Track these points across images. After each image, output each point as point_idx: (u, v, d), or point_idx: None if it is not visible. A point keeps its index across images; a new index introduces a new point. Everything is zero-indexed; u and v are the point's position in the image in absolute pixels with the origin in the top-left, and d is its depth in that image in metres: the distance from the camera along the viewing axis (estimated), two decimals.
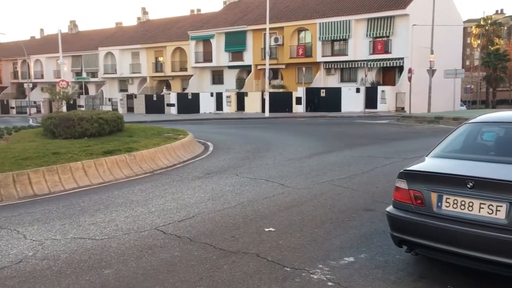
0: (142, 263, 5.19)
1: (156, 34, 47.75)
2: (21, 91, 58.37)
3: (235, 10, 43.57)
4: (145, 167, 11.56)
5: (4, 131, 15.77)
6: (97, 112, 16.11)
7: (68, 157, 10.90)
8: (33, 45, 58.58)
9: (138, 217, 7.12)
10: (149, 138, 14.26)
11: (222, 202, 7.85)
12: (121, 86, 50.36)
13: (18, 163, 10.22)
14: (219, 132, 21.04)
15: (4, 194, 9.10)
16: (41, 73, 56.46)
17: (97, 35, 55.04)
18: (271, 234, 6.07)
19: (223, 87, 40.91)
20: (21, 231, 6.56)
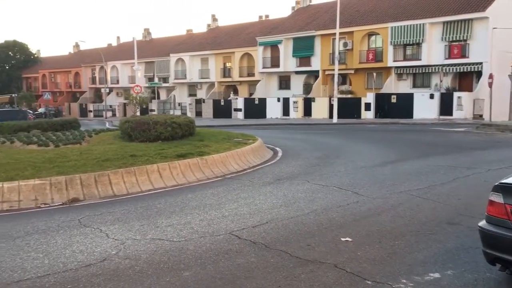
0: (220, 267, 5.22)
1: (225, 40, 48.70)
2: (98, 96, 61.78)
3: (304, 16, 43.46)
4: (216, 171, 11.73)
5: (85, 133, 16.68)
6: (171, 116, 16.62)
7: (144, 160, 11.31)
8: (110, 52, 61.86)
9: (212, 220, 7.20)
10: (220, 142, 14.48)
11: (295, 208, 7.76)
12: (190, 91, 51.82)
13: (99, 165, 10.75)
14: (286, 137, 20.98)
15: (87, 194, 9.60)
16: (117, 78, 59.44)
17: (169, 42, 57.10)
18: (348, 244, 5.89)
19: (290, 92, 40.87)
20: (103, 230, 6.85)
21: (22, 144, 14.78)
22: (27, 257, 5.74)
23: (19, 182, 9.24)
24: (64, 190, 9.43)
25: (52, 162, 11.05)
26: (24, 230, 7.04)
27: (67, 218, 7.70)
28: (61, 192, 9.38)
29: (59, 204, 9.05)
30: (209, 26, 56.23)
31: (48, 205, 8.95)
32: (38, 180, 9.42)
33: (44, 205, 8.95)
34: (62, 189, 9.43)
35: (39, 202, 9.04)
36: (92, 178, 9.87)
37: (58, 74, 68.89)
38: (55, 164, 10.76)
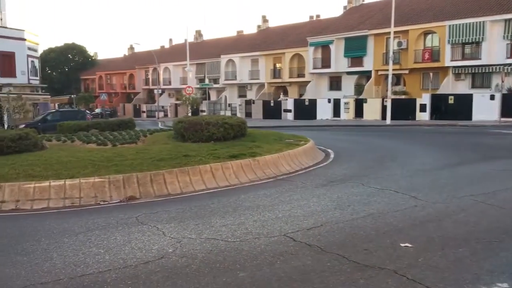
0: (275, 269, 5.17)
1: (275, 41, 48.72)
2: (151, 97, 63.54)
3: (356, 15, 42.73)
4: (268, 172, 11.71)
5: (140, 133, 17.15)
6: (223, 117, 16.77)
7: (197, 160, 11.46)
8: (162, 54, 63.47)
9: (266, 222, 7.17)
10: (271, 143, 14.44)
11: (350, 212, 7.58)
12: (240, 92, 52.24)
13: (154, 164, 11.00)
14: (338, 139, 20.66)
15: (143, 192, 9.84)
16: (169, 79, 60.90)
17: (219, 43, 57.87)
18: (408, 250, 5.67)
19: (340, 93, 40.28)
20: (160, 228, 6.98)
21: (82, 143, 15.38)
22: (89, 252, 5.93)
23: (80, 180, 9.61)
24: (121, 188, 9.71)
25: (110, 160, 11.41)
26: (85, 226, 7.30)
27: (125, 215, 7.91)
28: (119, 190, 9.67)
29: (117, 201, 9.33)
30: (259, 27, 56.47)
31: (107, 202, 9.25)
32: (97, 178, 9.76)
33: (103, 202, 9.25)
34: (120, 187, 9.72)
35: (99, 199, 9.36)
36: (148, 177, 10.11)
37: (114, 76, 71.51)
38: (113, 163, 11.11)
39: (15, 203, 9.09)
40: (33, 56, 41.30)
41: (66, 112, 33.00)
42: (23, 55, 38.78)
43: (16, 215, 8.54)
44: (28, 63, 39.65)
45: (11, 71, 37.21)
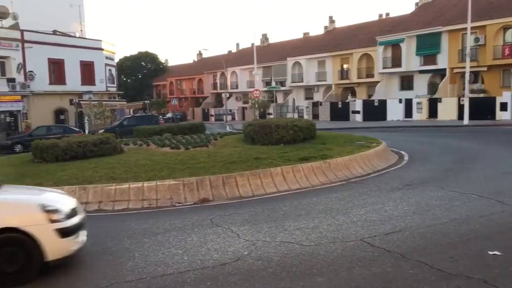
0: (354, 276, 5.03)
1: (343, 41, 47.92)
2: (219, 100, 64.88)
3: (428, 11, 40.96)
4: (339, 175, 11.49)
5: (211, 137, 17.51)
6: (292, 119, 16.71)
7: (268, 163, 11.49)
8: (230, 59, 64.62)
9: (341, 226, 7.02)
10: (342, 145, 14.17)
11: (430, 217, 7.23)
12: (306, 94, 51.89)
13: (226, 167, 11.17)
14: (411, 140, 19.87)
15: (215, 194, 10.02)
16: (236, 83, 61.86)
17: (285, 46, 57.92)
18: (497, 258, 5.30)
19: (412, 93, 38.75)
20: (234, 230, 7.06)
21: (157, 146, 15.96)
22: (168, 253, 6.12)
23: (157, 182, 9.97)
24: (195, 191, 9.96)
25: (184, 163, 11.74)
26: (163, 227, 7.55)
27: (200, 217, 8.08)
28: (193, 192, 9.92)
29: (191, 203, 9.57)
30: (326, 28, 55.85)
31: (181, 204, 9.52)
32: (172, 180, 10.08)
33: (178, 204, 9.53)
34: (194, 189, 9.97)
35: (174, 201, 9.66)
36: (220, 179, 10.28)
37: (184, 81, 73.86)
38: (186, 166, 11.42)
39: (98, 204, 9.61)
40: (110, 64, 43.66)
41: (141, 117, 34.50)
42: (101, 64, 41.12)
43: (99, 216, 9.01)
44: (106, 72, 41.98)
45: (90, 79, 39.58)
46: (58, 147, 13.32)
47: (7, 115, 32.96)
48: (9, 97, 32.32)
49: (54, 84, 36.37)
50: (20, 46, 33.63)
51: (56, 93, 36.17)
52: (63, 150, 13.27)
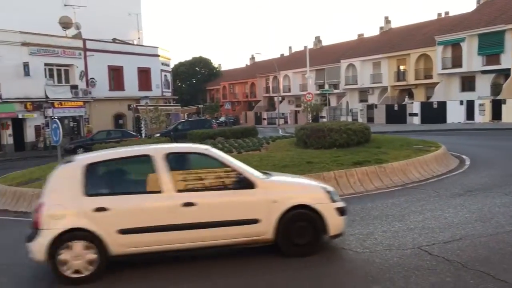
0: (411, 285, 4.84)
1: (399, 42, 46.62)
2: (271, 104, 65.00)
3: (491, 9, 39.04)
4: (395, 180, 11.14)
5: (263, 140, 17.57)
6: (345, 123, 16.44)
7: (320, 167, 11.35)
8: (282, 62, 64.63)
9: (397, 233, 6.79)
10: (398, 149, 13.74)
11: (493, 225, 6.84)
12: (361, 97, 50.93)
13: (278, 171, 11.07)
14: (473, 144, 18.95)
15: None
16: (289, 87, 61.76)
17: (339, 48, 57.19)
18: None
19: (474, 94, 37.02)
20: None
21: None
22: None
23: None
24: None
25: None
26: None
27: None
28: None
29: None
30: (381, 28, 54.60)
31: None
32: None
33: None
34: None
35: None
36: None
37: (236, 85, 74.70)
38: None
39: None
40: (165, 70, 44.95)
41: (195, 122, 35.20)
42: (157, 70, 42.42)
43: None
44: (161, 77, 43.26)
45: (147, 85, 40.92)
46: None
47: (71, 120, 34.70)
48: (73, 103, 34.03)
49: (113, 90, 37.91)
50: (83, 55, 35.34)
51: (115, 99, 37.67)
52: None
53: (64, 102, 33.37)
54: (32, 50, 31.68)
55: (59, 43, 33.82)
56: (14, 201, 11.66)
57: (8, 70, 30.05)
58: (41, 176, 13.30)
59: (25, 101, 31.09)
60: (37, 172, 14.32)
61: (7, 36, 30.26)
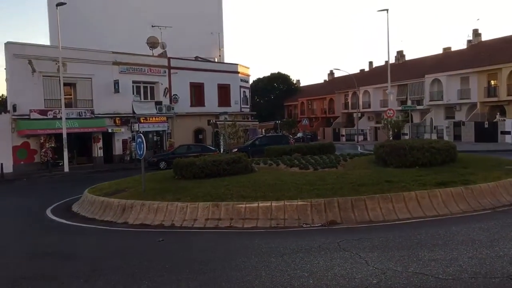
0: None
1: (490, 55, 43.80)
2: (350, 120, 63.82)
3: None
4: (484, 202, 10.37)
5: (340, 158, 17.21)
6: (428, 141, 15.67)
7: (400, 186, 10.87)
8: (362, 78, 63.38)
9: (484, 260, 6.28)
10: (488, 170, 12.79)
11: None
12: (447, 113, 48.36)
13: (355, 189, 10.83)
14: None
15: (344, 217, 9.75)
16: (368, 103, 60.31)
17: (423, 62, 54.98)
18: None
19: None
20: (362, 256, 6.74)
21: (286, 166, 16.18)
22: (294, 275, 6.06)
23: (285, 202, 10.06)
24: (323, 212, 9.81)
25: (312, 184, 11.67)
26: (290, 247, 7.54)
27: (327, 240, 7.91)
28: (320, 214, 9.78)
29: (318, 225, 9.44)
30: (469, 42, 51.78)
31: (309, 226, 9.44)
32: (300, 201, 10.07)
33: (305, 225, 9.47)
34: (321, 211, 9.83)
35: (301, 221, 9.62)
36: (349, 202, 10.00)
37: (314, 101, 74.37)
38: (314, 187, 11.33)
39: (229, 221, 10.00)
40: (244, 86, 45.93)
41: (272, 137, 35.46)
42: (236, 86, 43.48)
43: (230, 232, 9.37)
44: (240, 93, 44.25)
45: (226, 101, 42.03)
46: (195, 165, 14.26)
47: (154, 134, 36.48)
48: (157, 119, 35.81)
49: (194, 106, 39.36)
50: (167, 72, 37.17)
51: (196, 114, 39.07)
52: (200, 168, 14.16)
53: (149, 117, 35.23)
54: (122, 69, 33.90)
55: (146, 62, 35.88)
56: (101, 210, 12.39)
57: (100, 88, 32.38)
58: (126, 188, 14.07)
59: (114, 116, 33.23)
60: (123, 184, 15.15)
61: (100, 56, 32.67)
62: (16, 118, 28.36)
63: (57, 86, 28.89)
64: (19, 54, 28.65)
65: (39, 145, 29.43)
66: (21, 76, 28.49)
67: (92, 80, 32.06)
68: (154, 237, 9.14)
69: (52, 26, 42.89)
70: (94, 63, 31.99)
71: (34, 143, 29.33)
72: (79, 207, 13.78)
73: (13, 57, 28.50)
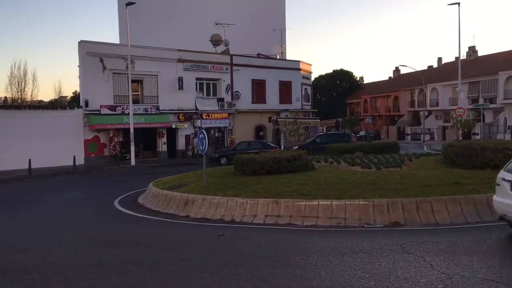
0: None
1: None
2: (416, 119, 61.52)
3: None
4: None
5: (405, 157, 16.63)
6: (502, 141, 14.77)
7: (470, 189, 10.35)
8: (430, 74, 60.84)
9: None
10: None
11: None
12: None
13: (420, 190, 10.43)
14: None
15: (408, 219, 9.41)
16: (436, 101, 57.84)
17: (497, 58, 51.93)
18: None
19: None
20: (427, 260, 6.47)
21: (347, 165, 15.88)
22: (354, 275, 5.92)
23: (346, 201, 9.87)
24: (385, 213, 9.53)
25: (374, 184, 11.38)
26: (350, 247, 7.38)
27: (390, 241, 7.66)
28: (383, 215, 9.51)
29: (380, 226, 9.19)
30: None
31: (370, 226, 9.21)
32: (362, 200, 9.84)
33: (367, 225, 9.25)
34: (384, 211, 9.55)
35: (363, 221, 9.40)
36: (413, 203, 9.64)
37: (378, 99, 72.44)
38: (377, 187, 11.04)
39: (289, 218, 9.98)
40: (306, 84, 45.62)
41: (333, 135, 34.96)
42: (298, 83, 43.28)
43: (289, 229, 9.33)
44: (302, 90, 44.00)
45: (287, 98, 41.95)
46: (256, 161, 14.34)
47: (216, 130, 37.16)
48: (219, 115, 36.46)
49: (255, 103, 39.65)
50: (229, 69, 37.71)
51: (257, 111, 39.34)
52: (260, 164, 14.23)
53: (211, 113, 35.92)
54: (186, 66, 34.81)
55: (210, 59, 36.60)
56: (165, 203, 12.80)
57: (165, 85, 33.47)
58: (188, 182, 14.44)
59: (178, 112, 34.22)
60: (185, 178, 15.56)
61: (166, 54, 33.74)
62: (87, 113, 29.98)
63: (126, 83, 30.21)
64: (91, 52, 30.22)
65: (108, 139, 30.93)
66: (93, 73, 30.06)
67: (158, 77, 33.22)
68: (215, 231, 9.30)
69: (121, 25, 44.85)
70: (160, 61, 33.11)
71: (103, 137, 30.87)
72: (144, 199, 14.32)
73: (86, 55, 30.11)
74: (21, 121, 27.73)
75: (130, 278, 6.30)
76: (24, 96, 56.87)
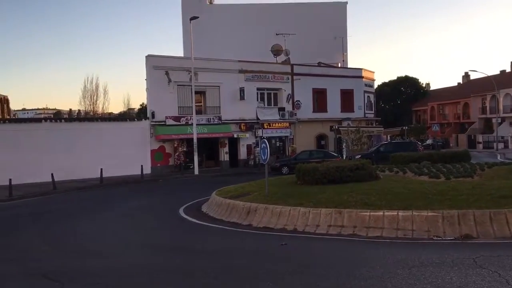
0: None
1: None
2: (488, 126, 58.25)
3: None
4: None
5: (477, 166, 15.81)
6: None
7: None
8: (502, 79, 57.45)
9: None
10: None
11: None
12: None
13: (494, 201, 9.86)
14: None
15: (480, 231, 8.91)
16: (510, 107, 54.49)
17: None
18: None
19: None
20: (502, 275, 6.09)
21: (414, 174, 15.34)
22: None
23: (413, 212, 9.52)
24: (456, 225, 9.09)
25: (443, 194, 10.90)
26: (418, 260, 7.09)
27: (461, 255, 7.29)
28: (453, 227, 9.08)
29: (451, 238, 8.78)
30: None
31: (440, 238, 8.82)
32: (430, 211, 9.45)
33: (436, 238, 8.86)
34: (454, 223, 9.12)
35: (432, 233, 9.02)
36: (486, 215, 9.12)
37: (446, 106, 69.39)
38: (446, 197, 10.57)
39: (352, 228, 9.77)
40: (369, 91, 44.65)
41: (398, 144, 33.89)
42: (360, 91, 42.44)
43: (353, 240, 9.13)
44: (364, 98, 43.10)
45: (349, 106, 41.23)
46: (318, 171, 14.21)
47: (277, 140, 37.24)
48: (280, 124, 36.54)
49: (316, 112, 39.33)
50: (290, 79, 37.74)
51: (318, 120, 39.00)
52: (322, 174, 14.08)
53: (272, 123, 36.09)
54: (247, 77, 35.28)
55: (270, 69, 36.84)
56: (228, 212, 12.98)
57: (227, 95, 34.08)
58: (250, 191, 14.56)
59: (239, 122, 34.68)
60: (248, 187, 15.70)
61: (228, 65, 34.40)
62: (154, 124, 31.15)
63: (189, 94, 31.11)
64: (158, 65, 31.44)
65: (173, 149, 31.92)
66: (159, 86, 31.23)
67: (220, 88, 33.90)
68: (277, 241, 9.29)
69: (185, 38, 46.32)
70: (222, 72, 33.79)
71: (168, 147, 31.90)
72: (207, 208, 14.60)
73: (152, 68, 31.37)
74: (93, 132, 29.31)
75: (196, 284, 6.44)
76: (96, 108, 60.27)
